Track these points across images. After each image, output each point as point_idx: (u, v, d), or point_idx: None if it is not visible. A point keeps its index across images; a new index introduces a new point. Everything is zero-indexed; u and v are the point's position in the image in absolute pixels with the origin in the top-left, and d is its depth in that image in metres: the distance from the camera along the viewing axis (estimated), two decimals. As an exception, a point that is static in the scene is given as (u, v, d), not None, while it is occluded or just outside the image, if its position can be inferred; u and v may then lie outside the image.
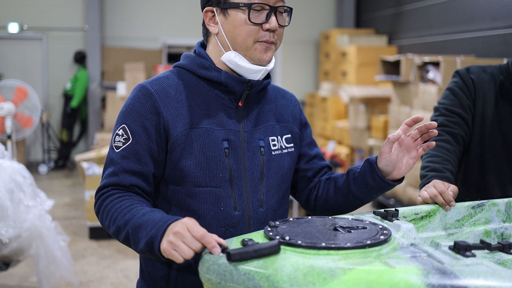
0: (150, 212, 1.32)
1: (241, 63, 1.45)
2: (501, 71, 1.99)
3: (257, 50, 1.45)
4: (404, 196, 5.76)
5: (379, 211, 1.42)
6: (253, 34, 1.43)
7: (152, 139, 1.43)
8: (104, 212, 1.40)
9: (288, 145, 1.59)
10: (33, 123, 5.75)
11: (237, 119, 1.50)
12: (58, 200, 6.25)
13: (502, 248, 1.25)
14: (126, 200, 1.38)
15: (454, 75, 2.04)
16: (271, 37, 1.45)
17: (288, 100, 1.66)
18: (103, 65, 9.24)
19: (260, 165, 1.51)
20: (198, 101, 1.47)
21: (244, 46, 1.44)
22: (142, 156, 1.42)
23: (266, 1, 1.42)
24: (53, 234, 3.42)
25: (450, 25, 6.77)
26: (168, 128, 1.43)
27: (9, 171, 3.37)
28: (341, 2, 9.65)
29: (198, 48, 1.55)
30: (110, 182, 1.42)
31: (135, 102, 1.45)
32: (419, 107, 5.48)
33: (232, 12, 1.43)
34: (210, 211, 1.45)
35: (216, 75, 1.48)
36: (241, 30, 1.43)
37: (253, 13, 1.42)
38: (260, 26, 1.43)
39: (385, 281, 1.02)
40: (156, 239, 1.24)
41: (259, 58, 1.46)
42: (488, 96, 1.96)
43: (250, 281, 1.08)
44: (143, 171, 1.42)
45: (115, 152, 1.44)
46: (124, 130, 1.44)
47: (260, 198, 1.50)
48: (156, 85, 1.47)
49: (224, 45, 1.48)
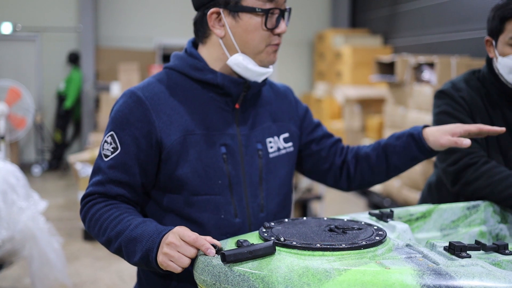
0: (142, 224, 1.30)
1: (250, 66, 1.42)
2: (482, 83, 1.90)
3: (267, 53, 1.43)
4: (399, 197, 5.77)
5: (374, 212, 1.42)
6: (266, 38, 1.41)
7: (142, 149, 1.38)
8: (92, 221, 1.38)
9: (286, 144, 1.56)
10: (26, 124, 5.72)
11: (234, 122, 1.46)
12: (51, 201, 6.22)
13: (497, 249, 1.25)
14: (114, 209, 1.36)
15: (440, 96, 1.92)
16: (280, 40, 1.44)
17: (282, 97, 1.63)
18: (97, 66, 9.21)
19: (259, 169, 1.48)
20: (193, 105, 1.43)
21: (257, 50, 1.41)
22: (130, 166, 1.38)
23: (277, 5, 1.40)
24: (46, 236, 3.41)
25: (445, 25, 6.79)
26: (161, 137, 1.38)
27: (2, 172, 3.35)
28: (336, 2, 9.66)
29: (190, 48, 1.49)
30: (96, 191, 1.39)
31: (124, 109, 1.40)
32: (414, 107, 5.48)
33: (245, 16, 1.38)
34: (211, 219, 1.42)
35: (212, 77, 1.43)
36: (255, 35, 1.39)
37: (268, 19, 1.39)
38: (272, 30, 1.41)
39: (380, 282, 1.02)
40: (152, 252, 1.23)
41: (268, 60, 1.44)
42: (483, 111, 1.88)
43: (245, 282, 1.07)
44: (131, 181, 1.39)
45: (103, 160, 1.40)
46: (113, 138, 1.39)
47: (260, 203, 1.47)
48: (147, 91, 1.42)
49: (231, 48, 1.42)
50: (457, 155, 1.80)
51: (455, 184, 1.80)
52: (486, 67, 1.90)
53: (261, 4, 1.37)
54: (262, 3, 1.37)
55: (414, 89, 5.51)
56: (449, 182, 1.83)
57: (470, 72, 1.96)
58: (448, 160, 1.82)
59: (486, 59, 1.91)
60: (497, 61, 1.82)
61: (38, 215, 3.41)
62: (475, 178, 1.74)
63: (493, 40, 1.84)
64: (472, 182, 1.74)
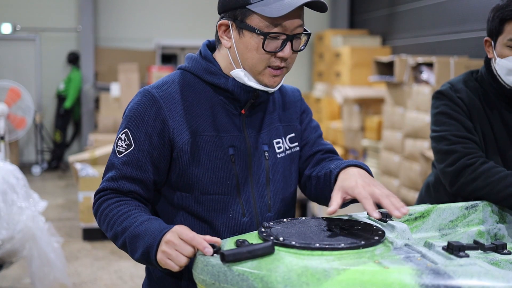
0: (147, 221, 1.32)
1: (250, 83, 1.42)
2: (480, 84, 1.90)
3: (266, 76, 1.41)
4: (398, 196, 5.77)
5: (373, 212, 1.42)
6: (265, 60, 1.39)
7: (155, 147, 1.41)
8: (102, 216, 1.40)
9: (292, 145, 1.57)
10: (26, 124, 5.72)
11: (241, 125, 1.48)
12: (51, 202, 6.23)
13: (495, 249, 1.26)
14: (124, 205, 1.38)
15: (438, 97, 1.91)
16: (282, 63, 1.40)
17: (290, 98, 1.62)
18: (97, 66, 9.21)
19: (266, 169, 1.50)
20: (204, 107, 1.45)
21: (255, 70, 1.41)
22: (143, 163, 1.41)
23: (284, 30, 1.36)
24: (46, 236, 3.41)
25: (444, 26, 6.79)
26: (174, 136, 1.41)
27: (2, 172, 3.36)
28: (335, 3, 9.67)
29: (205, 51, 1.50)
30: (109, 186, 1.42)
31: (139, 107, 1.42)
32: (413, 107, 5.49)
33: (247, 34, 1.38)
34: (219, 218, 1.44)
35: (223, 81, 1.45)
36: (253, 55, 1.38)
37: (268, 42, 1.36)
38: (274, 53, 1.38)
39: (379, 281, 1.02)
40: (152, 249, 1.25)
41: (266, 83, 1.42)
42: (481, 112, 1.87)
43: (244, 281, 1.07)
44: (143, 178, 1.41)
45: (117, 157, 1.43)
46: (127, 136, 1.42)
47: (267, 203, 1.49)
48: (162, 90, 1.44)
49: (235, 61, 1.43)
50: (455, 156, 1.80)
51: (453, 185, 1.81)
52: (484, 67, 1.90)
53: (263, 27, 1.35)
54: (265, 26, 1.35)
55: (413, 90, 5.51)
56: (448, 183, 1.83)
57: (469, 72, 1.97)
58: (447, 160, 1.82)
59: (484, 60, 1.92)
60: (496, 63, 1.82)
61: (38, 215, 3.41)
62: (473, 178, 1.74)
63: (492, 41, 1.84)
64: (471, 183, 1.75)
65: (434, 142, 1.89)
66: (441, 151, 1.85)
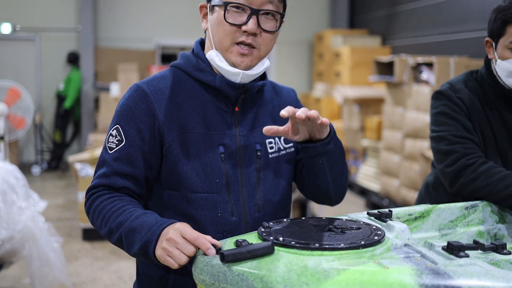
0: (143, 215, 1.31)
1: (220, 64, 1.42)
2: (480, 84, 1.90)
3: (233, 53, 1.41)
4: (398, 196, 5.78)
5: (373, 212, 1.42)
6: (230, 35, 1.39)
7: (146, 142, 1.40)
8: (95, 213, 1.40)
9: (286, 145, 1.55)
10: (26, 124, 5.72)
11: (233, 123, 1.47)
12: (51, 202, 6.23)
13: (495, 249, 1.26)
14: (117, 201, 1.37)
15: (437, 97, 1.91)
16: (248, 39, 1.38)
17: (285, 98, 1.61)
18: (96, 66, 9.21)
19: (257, 169, 1.48)
20: (194, 104, 1.44)
21: (222, 46, 1.41)
22: (134, 158, 1.40)
23: (249, 3, 1.37)
24: (46, 236, 3.41)
25: (444, 26, 6.79)
26: (163, 131, 1.40)
27: (1, 172, 3.35)
28: (334, 3, 9.67)
29: (196, 48, 1.51)
30: (101, 183, 1.41)
31: (129, 102, 1.42)
32: (413, 107, 5.49)
33: (216, 9, 1.41)
34: (208, 217, 1.43)
35: (211, 79, 1.45)
36: (219, 29, 1.40)
37: (230, 13, 1.38)
38: (239, 27, 1.38)
39: (378, 281, 1.02)
40: (150, 244, 1.24)
41: (233, 61, 1.41)
42: (480, 112, 1.87)
43: (244, 282, 1.07)
44: (135, 173, 1.41)
45: (108, 153, 1.42)
46: (118, 131, 1.41)
47: (257, 203, 1.48)
48: (152, 85, 1.44)
49: (211, 43, 1.45)
50: (455, 156, 1.80)
51: (453, 185, 1.81)
52: (484, 68, 1.90)
53: None
54: None
55: (413, 89, 5.51)
56: (447, 183, 1.83)
57: (468, 73, 1.96)
58: (446, 161, 1.82)
59: (484, 60, 1.91)
60: (496, 64, 1.82)
61: (38, 215, 3.41)
62: (473, 178, 1.74)
63: (493, 42, 1.83)
64: (470, 183, 1.75)
65: (434, 142, 1.89)
66: (441, 151, 1.85)
